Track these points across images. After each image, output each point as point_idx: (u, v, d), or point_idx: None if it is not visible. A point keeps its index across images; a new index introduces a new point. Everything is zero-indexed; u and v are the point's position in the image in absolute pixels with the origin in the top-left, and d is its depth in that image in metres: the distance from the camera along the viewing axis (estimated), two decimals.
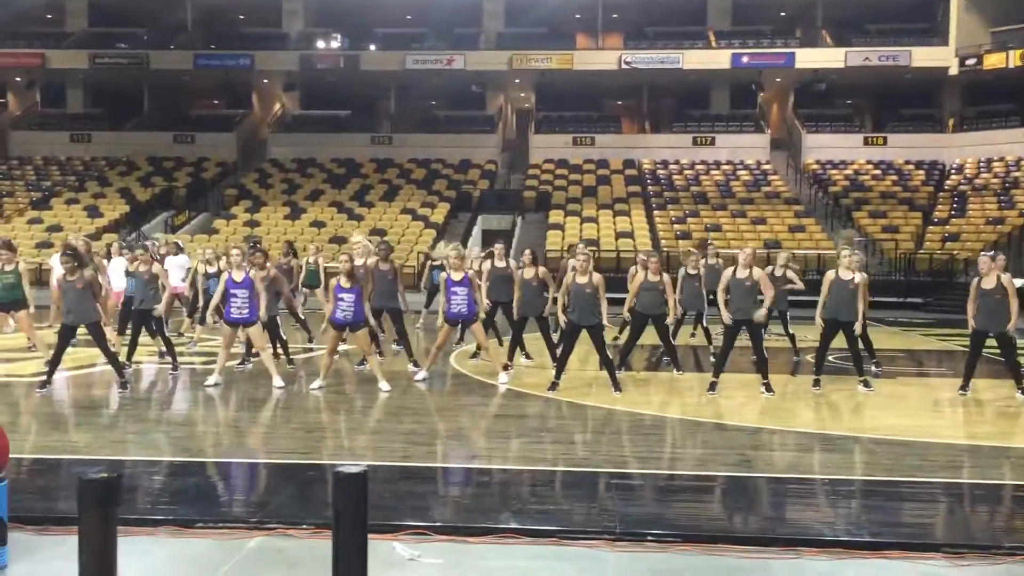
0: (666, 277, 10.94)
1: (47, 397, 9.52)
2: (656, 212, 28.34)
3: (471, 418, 9.03)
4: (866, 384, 10.45)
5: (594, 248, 23.70)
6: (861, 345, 10.76)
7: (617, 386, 9.91)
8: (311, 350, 13.44)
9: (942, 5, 32.08)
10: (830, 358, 11.08)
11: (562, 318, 10.39)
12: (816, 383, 10.46)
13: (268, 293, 10.75)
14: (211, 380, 10.20)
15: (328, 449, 7.68)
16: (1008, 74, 30.43)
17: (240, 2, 34.60)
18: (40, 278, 16.72)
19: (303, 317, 14.32)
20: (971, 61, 30.92)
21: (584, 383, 10.64)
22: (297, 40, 34.49)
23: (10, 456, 5.29)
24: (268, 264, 11.32)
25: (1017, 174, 29.58)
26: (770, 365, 10.34)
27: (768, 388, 9.98)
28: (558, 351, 10.63)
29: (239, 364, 11.51)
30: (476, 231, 28.08)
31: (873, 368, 11.48)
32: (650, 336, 11.31)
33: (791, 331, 12.85)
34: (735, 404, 9.66)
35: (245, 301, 10.05)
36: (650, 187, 30.72)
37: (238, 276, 10.11)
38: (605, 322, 9.95)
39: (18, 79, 34.69)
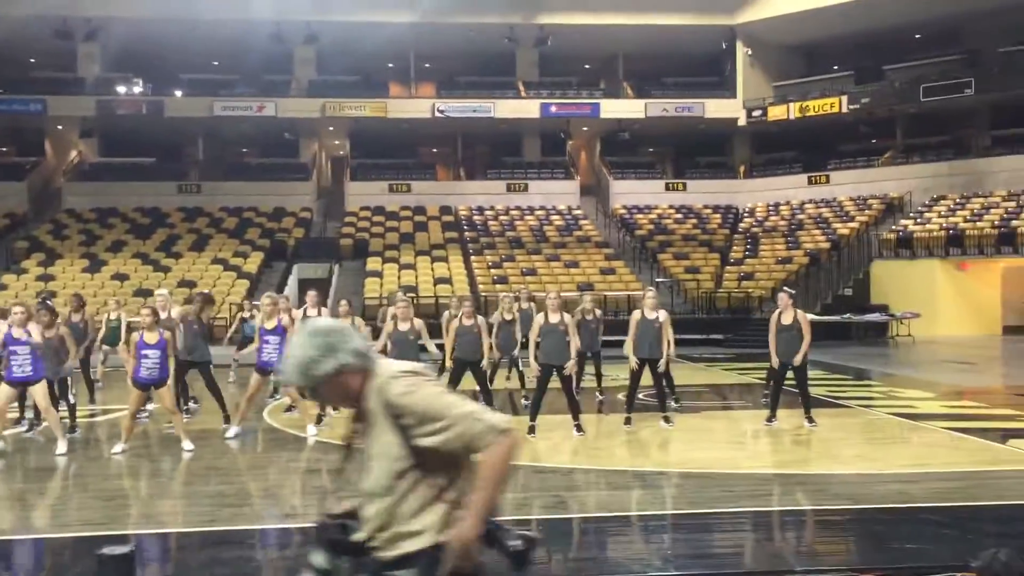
0: (481, 321, 11.07)
1: None
2: (473, 257, 28.71)
3: (283, 474, 8.74)
4: (667, 420, 10.92)
5: (413, 295, 23.69)
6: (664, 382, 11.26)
7: None
8: (96, 414, 12.63)
9: (730, 61, 34.54)
10: (639, 396, 11.51)
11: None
12: (628, 420, 10.83)
13: (54, 353, 10.07)
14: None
15: (131, 518, 7.22)
16: (790, 125, 33.10)
17: (30, 45, 32.56)
18: None
19: (97, 379, 13.56)
20: (757, 113, 33.41)
21: None
22: (95, 85, 32.81)
23: None
24: (57, 322, 10.60)
25: (801, 216, 32.05)
26: (582, 404, 10.63)
27: (579, 428, 10.24)
28: None
29: (27, 430, 10.66)
30: (292, 280, 27.44)
31: (673, 404, 12.02)
32: (468, 382, 11.38)
33: (602, 371, 13.23)
34: (550, 445, 9.85)
35: (27, 357, 9.35)
36: (467, 233, 31.12)
37: (17, 332, 9.41)
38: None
39: None
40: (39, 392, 9.49)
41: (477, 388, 10.83)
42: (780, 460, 9.38)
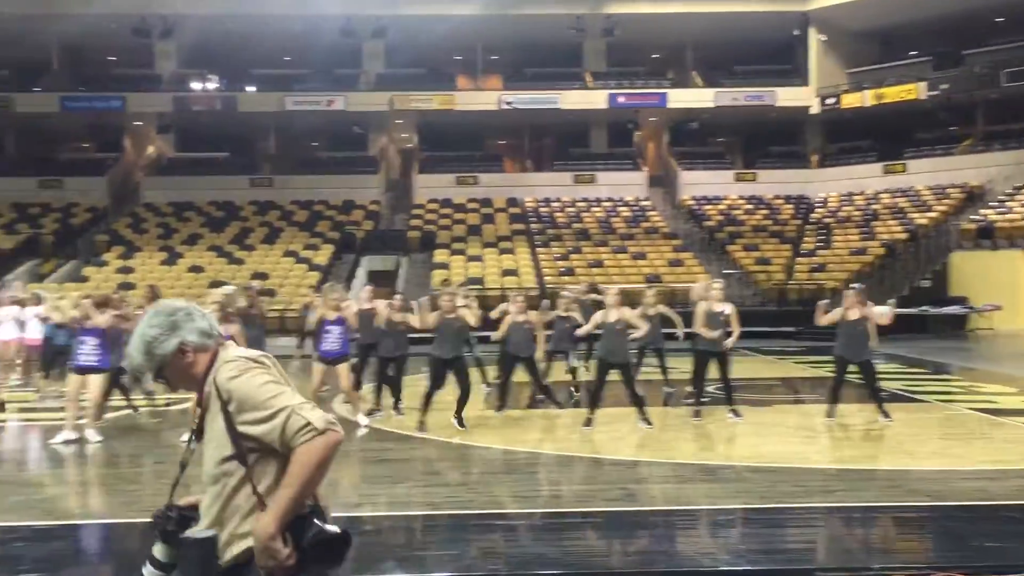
0: (534, 315, 11.12)
1: None
2: (540, 249, 28.68)
3: (343, 464, 8.85)
4: (735, 413, 10.76)
5: (479, 286, 23.79)
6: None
7: (461, 422, 9.99)
8: (172, 403, 12.94)
9: (802, 48, 33.82)
10: (709, 389, 11.37)
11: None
12: (696, 414, 10.71)
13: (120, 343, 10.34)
14: (59, 437, 9.68)
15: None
16: (865, 112, 32.26)
17: (110, 43, 33.53)
18: None
19: None
20: (830, 100, 32.65)
21: (471, 424, 10.58)
22: (171, 81, 33.65)
23: None
24: (135, 314, 10.89)
25: (876, 207, 31.25)
26: (648, 398, 10.55)
27: (647, 421, 10.15)
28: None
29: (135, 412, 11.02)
30: (361, 272, 27.77)
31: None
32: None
33: (666, 364, 13.07)
34: (613, 438, 9.78)
35: (95, 348, 9.62)
36: (533, 225, 31.10)
37: (89, 323, 9.70)
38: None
39: None
40: (97, 382, 9.73)
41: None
42: (853, 455, 9.17)
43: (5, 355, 13.77)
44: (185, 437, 9.43)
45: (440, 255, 28.11)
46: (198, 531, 2.63)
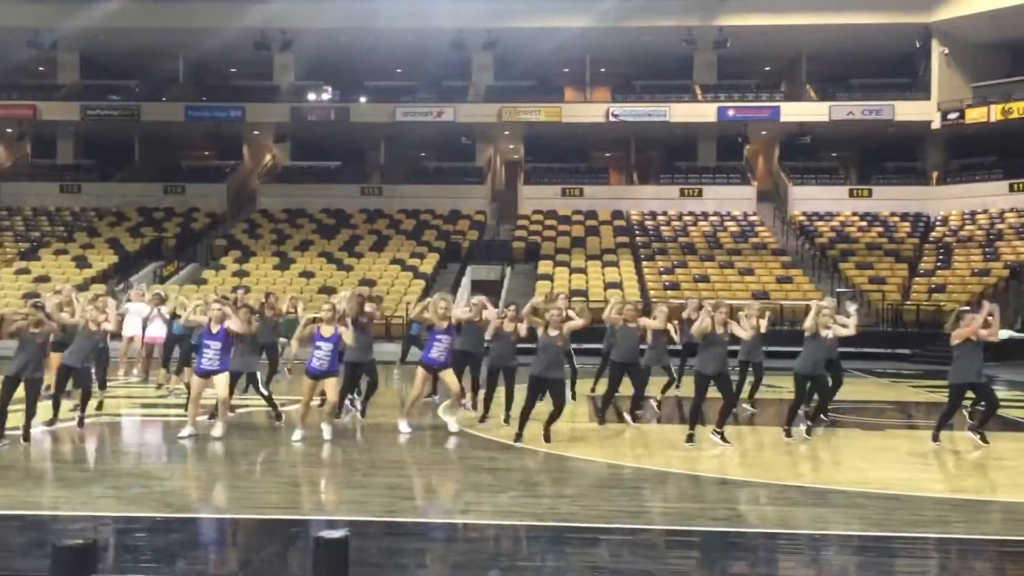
0: (644, 322, 11.03)
1: (11, 452, 9.32)
2: (644, 263, 28.44)
3: (456, 471, 8.93)
4: (809, 431, 10.56)
5: (583, 298, 23.72)
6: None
7: (547, 437, 9.83)
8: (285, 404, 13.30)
9: (924, 61, 32.65)
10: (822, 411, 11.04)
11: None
12: (809, 431, 10.47)
13: (247, 346, 10.67)
14: (184, 432, 10.07)
15: (309, 505, 7.57)
16: (990, 128, 30.89)
17: (231, 55, 34.93)
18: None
19: (282, 369, 14.18)
20: (953, 115, 31.38)
21: (572, 437, 10.54)
22: (288, 93, 34.80)
23: None
24: (253, 318, 11.25)
25: (1001, 226, 29.87)
26: (761, 416, 10.31)
27: (723, 438, 9.94)
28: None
29: (208, 416, 11.30)
30: (465, 281, 28.08)
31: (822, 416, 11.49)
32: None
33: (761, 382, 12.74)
34: (715, 456, 9.60)
35: (217, 352, 9.96)
36: (638, 238, 30.87)
37: (214, 328, 10.04)
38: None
39: (9, 130, 34.79)
40: (221, 383, 10.07)
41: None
42: (970, 485, 8.75)
43: (130, 351, 14.42)
44: (297, 436, 9.75)
45: (544, 266, 28.18)
46: (331, 531, 2.69)
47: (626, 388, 11.34)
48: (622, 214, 33.10)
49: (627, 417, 11.31)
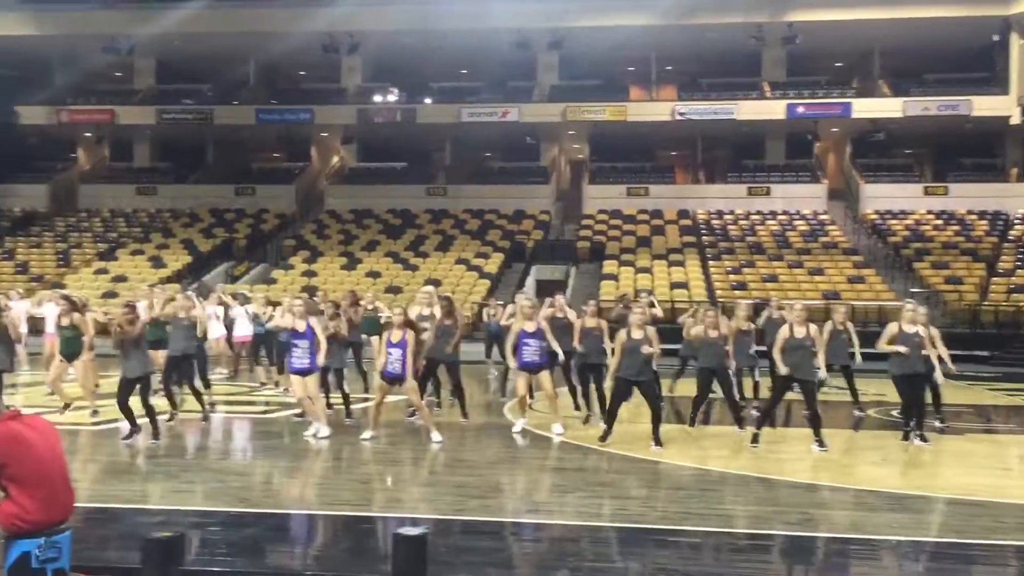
0: (725, 329, 10.86)
1: (112, 445, 9.62)
2: (711, 262, 28.11)
3: (526, 471, 8.95)
4: (923, 439, 10.16)
5: (650, 298, 23.54)
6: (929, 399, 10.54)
7: (659, 441, 9.73)
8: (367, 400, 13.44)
9: (1002, 54, 31.64)
10: (893, 413, 10.80)
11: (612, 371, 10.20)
12: (922, 438, 10.17)
13: (331, 344, 10.81)
14: (312, 430, 10.24)
15: (382, 501, 7.66)
16: None
17: (301, 59, 35.51)
18: (36, 326, 16.70)
19: (364, 369, 14.21)
20: None
21: (637, 437, 10.47)
22: (355, 95, 35.24)
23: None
24: (338, 315, 11.48)
25: None
26: (833, 419, 10.12)
27: (821, 443, 9.73)
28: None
29: (299, 416, 11.48)
30: (530, 281, 28.09)
31: (937, 424, 11.15)
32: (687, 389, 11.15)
33: (855, 385, 12.47)
34: (791, 459, 9.45)
35: (305, 351, 10.13)
36: (705, 237, 30.53)
37: (300, 326, 10.21)
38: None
39: (88, 135, 35.89)
40: (310, 383, 10.26)
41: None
42: None
43: (214, 350, 14.75)
44: (367, 435, 9.86)
45: (609, 266, 28.06)
46: (410, 528, 2.73)
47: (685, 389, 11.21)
48: (688, 213, 32.78)
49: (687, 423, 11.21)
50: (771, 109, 31.89)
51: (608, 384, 10.21)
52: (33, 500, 4.48)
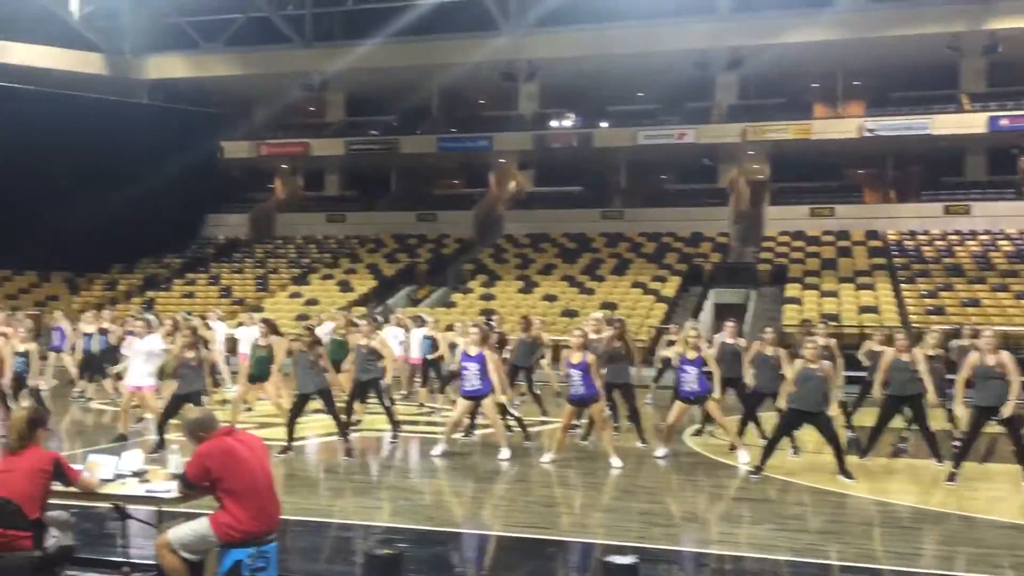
0: (917, 353, 10.23)
1: (287, 461, 10.07)
2: (904, 286, 26.58)
3: (709, 499, 8.73)
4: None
5: (835, 323, 22.57)
6: None
7: (847, 472, 9.21)
8: (545, 423, 13.55)
9: None
10: None
11: (782, 402, 9.79)
12: None
13: (502, 369, 10.99)
14: (438, 450, 10.51)
15: (566, 526, 7.67)
16: None
17: (480, 88, 36.51)
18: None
19: (537, 392, 14.32)
20: None
21: (823, 468, 9.94)
22: (532, 121, 35.83)
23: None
24: (507, 341, 11.66)
25: None
26: None
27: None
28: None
29: (464, 435, 11.72)
30: (708, 305, 27.52)
31: None
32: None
33: None
34: (993, 497, 8.75)
35: (476, 375, 10.33)
36: (896, 259, 28.94)
37: (472, 351, 10.43)
38: (831, 411, 9.38)
39: (284, 166, 38.29)
40: (488, 405, 10.45)
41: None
42: None
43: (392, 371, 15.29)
44: (548, 458, 9.92)
45: (792, 289, 27.07)
46: (619, 556, 2.71)
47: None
48: (877, 234, 31.21)
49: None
50: (971, 122, 29.95)
51: (779, 406, 9.86)
52: (245, 511, 4.78)
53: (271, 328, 11.92)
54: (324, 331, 13.74)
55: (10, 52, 31.87)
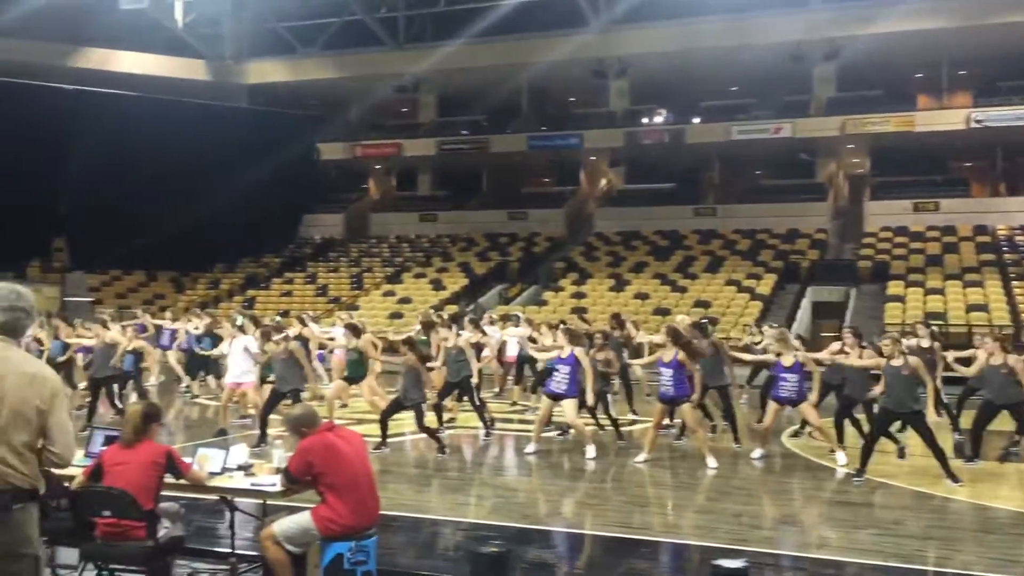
0: (1013, 360, 9.76)
1: (383, 457, 10.20)
2: (1015, 283, 25.45)
3: (807, 502, 8.53)
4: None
5: (941, 323, 21.77)
6: None
7: (952, 475, 8.87)
8: (635, 422, 13.43)
9: None
10: None
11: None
12: None
13: (595, 370, 10.92)
14: (530, 448, 10.54)
15: (659, 527, 7.60)
16: None
17: (571, 86, 36.43)
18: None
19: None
20: None
21: (927, 471, 9.54)
22: (623, 117, 35.54)
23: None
24: (607, 343, 11.62)
25: None
26: None
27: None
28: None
29: (560, 434, 11.71)
30: (805, 303, 26.88)
31: None
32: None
33: None
34: None
35: (566, 376, 10.29)
36: (1007, 255, 27.73)
37: (564, 352, 10.42)
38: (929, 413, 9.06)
39: (378, 167, 38.95)
40: (569, 407, 10.39)
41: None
42: None
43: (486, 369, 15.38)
44: (641, 458, 9.84)
45: (894, 287, 26.21)
46: (729, 560, 2.68)
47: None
48: (986, 229, 29.98)
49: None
50: None
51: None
52: (345, 506, 4.89)
53: (355, 331, 12.03)
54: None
55: (117, 61, 33.23)
